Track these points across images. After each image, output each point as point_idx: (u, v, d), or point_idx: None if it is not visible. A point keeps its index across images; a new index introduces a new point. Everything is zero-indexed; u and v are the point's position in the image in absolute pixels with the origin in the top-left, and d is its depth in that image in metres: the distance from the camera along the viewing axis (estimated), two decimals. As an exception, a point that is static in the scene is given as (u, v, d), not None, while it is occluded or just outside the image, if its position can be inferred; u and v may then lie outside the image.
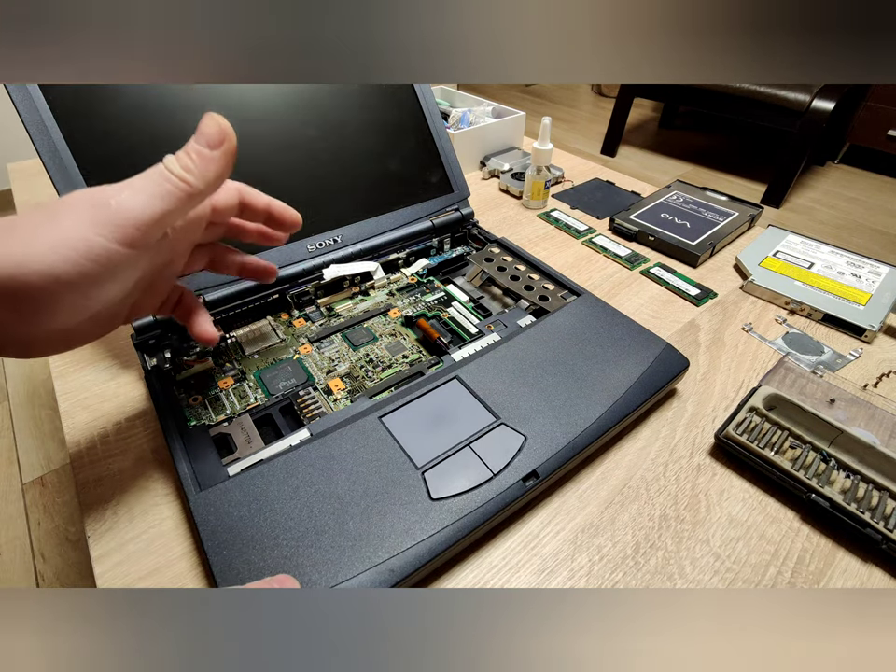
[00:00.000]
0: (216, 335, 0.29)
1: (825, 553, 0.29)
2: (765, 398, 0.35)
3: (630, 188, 0.70)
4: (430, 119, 0.48)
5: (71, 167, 0.33)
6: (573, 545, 0.29)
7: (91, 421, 0.36)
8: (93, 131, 0.34)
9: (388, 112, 0.46)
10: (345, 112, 0.44)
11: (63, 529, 0.92)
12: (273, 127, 0.40)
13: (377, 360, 0.38)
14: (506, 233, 0.59)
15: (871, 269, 0.51)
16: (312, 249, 0.42)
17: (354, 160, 0.44)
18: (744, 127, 2.49)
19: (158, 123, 0.36)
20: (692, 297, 0.49)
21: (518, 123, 0.77)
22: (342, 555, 0.25)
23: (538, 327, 0.38)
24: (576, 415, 0.32)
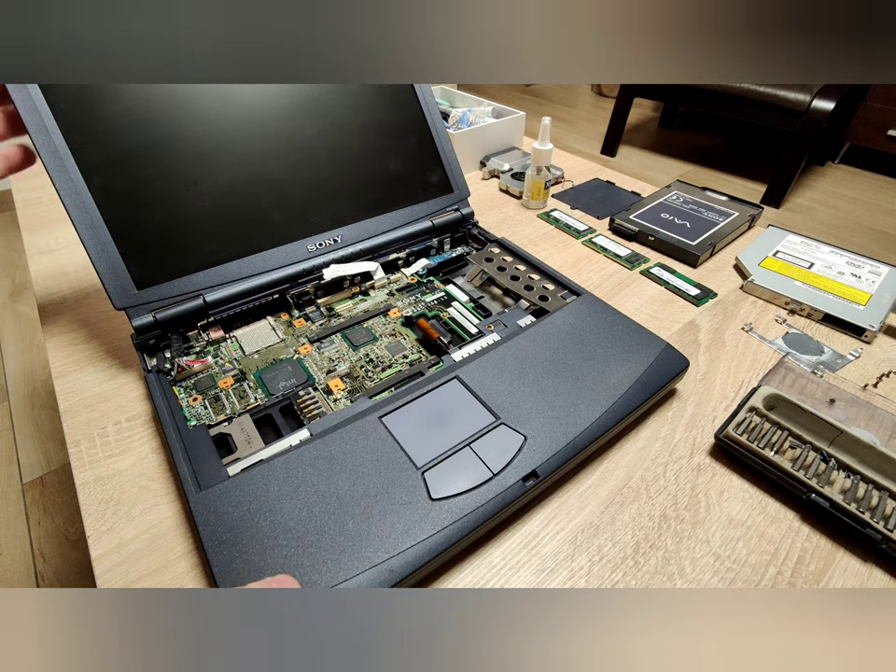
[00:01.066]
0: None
1: (825, 553, 0.29)
2: (765, 398, 0.35)
3: (630, 188, 0.70)
4: (430, 118, 0.48)
5: (71, 167, 0.33)
6: (573, 545, 0.29)
7: (91, 421, 0.36)
8: (93, 131, 0.34)
9: (388, 112, 0.46)
10: (346, 112, 0.44)
11: (63, 529, 0.92)
12: (274, 127, 0.40)
13: (377, 360, 0.38)
14: (506, 233, 0.59)
15: (871, 269, 0.51)
16: (312, 249, 0.42)
17: (354, 159, 0.44)
18: (744, 127, 2.49)
19: (158, 123, 0.36)
20: (692, 297, 0.49)
21: (518, 123, 0.77)
22: (341, 555, 0.25)
23: (538, 327, 0.38)
24: (576, 415, 0.32)
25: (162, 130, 0.36)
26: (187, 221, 0.37)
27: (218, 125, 0.38)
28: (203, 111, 0.37)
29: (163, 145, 0.36)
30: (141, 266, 0.36)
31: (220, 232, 0.38)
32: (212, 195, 0.38)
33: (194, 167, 0.37)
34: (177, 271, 0.37)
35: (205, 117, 0.37)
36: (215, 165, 0.38)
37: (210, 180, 0.38)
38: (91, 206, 0.34)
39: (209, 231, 0.38)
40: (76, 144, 0.33)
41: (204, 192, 0.38)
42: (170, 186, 0.36)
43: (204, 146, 0.37)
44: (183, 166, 0.37)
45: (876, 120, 1.90)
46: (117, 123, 0.35)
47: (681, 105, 2.42)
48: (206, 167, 0.38)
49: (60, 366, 0.40)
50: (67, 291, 0.49)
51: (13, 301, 1.45)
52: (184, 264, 0.37)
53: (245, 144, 0.39)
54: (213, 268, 0.38)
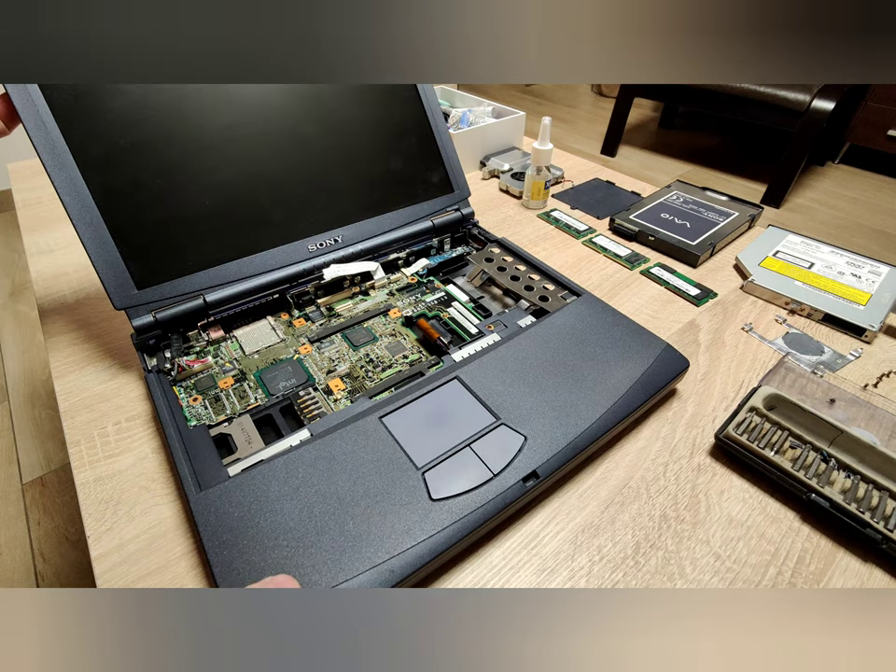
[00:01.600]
0: None
1: (825, 553, 0.29)
2: (765, 398, 0.35)
3: (630, 188, 0.70)
4: (433, 118, 0.48)
5: (71, 167, 0.33)
6: (573, 545, 0.29)
7: (91, 421, 0.36)
8: (93, 130, 0.34)
9: (391, 111, 0.46)
10: (347, 110, 0.44)
11: (63, 529, 0.92)
12: (274, 126, 0.40)
13: (377, 360, 0.38)
14: (506, 233, 0.59)
15: (871, 269, 0.51)
16: (312, 249, 0.42)
17: (355, 158, 0.44)
18: (744, 127, 2.49)
19: (158, 121, 0.36)
20: (692, 297, 0.49)
21: (518, 123, 0.77)
22: (342, 556, 0.25)
23: (538, 327, 0.38)
24: (576, 416, 0.32)
25: (163, 128, 0.36)
26: (187, 220, 0.37)
27: (219, 123, 0.38)
28: (203, 109, 0.37)
29: (164, 143, 0.36)
30: (141, 266, 0.36)
31: (221, 232, 0.38)
32: (212, 194, 0.38)
33: (195, 166, 0.37)
34: (178, 270, 0.37)
35: (206, 115, 0.37)
36: (215, 164, 0.38)
37: (211, 179, 0.38)
38: (90, 206, 0.34)
39: (209, 231, 0.38)
40: (75, 143, 0.33)
41: (205, 191, 0.38)
42: (170, 185, 0.36)
43: (205, 144, 0.37)
44: (184, 165, 0.37)
45: (876, 120, 1.90)
46: (117, 122, 0.35)
47: (681, 105, 2.42)
48: (207, 166, 0.38)
49: (60, 366, 0.40)
50: (67, 291, 0.49)
51: (13, 300, 1.45)
52: (184, 264, 0.37)
53: (245, 142, 0.39)
54: (213, 268, 0.38)
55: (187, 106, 0.37)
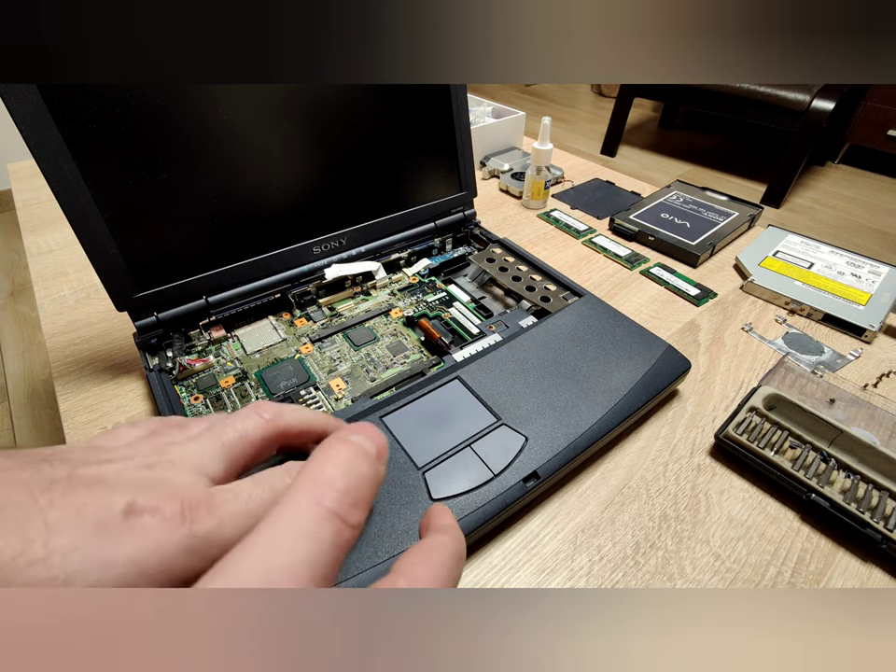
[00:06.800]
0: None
1: (825, 553, 0.29)
2: (765, 398, 0.35)
3: (630, 188, 0.70)
4: (458, 118, 0.46)
5: (70, 166, 0.33)
6: (573, 545, 0.29)
7: (92, 421, 0.36)
8: (93, 129, 0.34)
9: (410, 111, 0.44)
10: (365, 111, 0.42)
11: (64, 529, 0.92)
12: (280, 127, 0.40)
13: (378, 360, 0.38)
14: (506, 233, 0.59)
15: (871, 269, 0.51)
16: (317, 252, 0.42)
17: (367, 160, 0.43)
18: (744, 127, 2.49)
19: (158, 123, 0.36)
20: (692, 297, 0.49)
21: (518, 123, 0.77)
22: (342, 555, 0.25)
23: (539, 328, 0.38)
24: (577, 416, 0.32)
25: (163, 130, 0.36)
26: (190, 220, 0.37)
27: (223, 122, 0.38)
28: (207, 108, 0.37)
29: (164, 145, 0.36)
30: (143, 267, 0.35)
31: (224, 233, 0.38)
32: (216, 194, 0.38)
33: (198, 165, 0.37)
34: (180, 272, 0.37)
35: (210, 114, 0.37)
36: (219, 163, 0.38)
37: (214, 179, 0.37)
38: (91, 205, 0.34)
39: (213, 232, 0.38)
40: (75, 142, 0.33)
41: (208, 191, 0.37)
42: (172, 184, 0.36)
43: (209, 143, 0.37)
44: (187, 164, 0.37)
45: (876, 120, 1.90)
46: (117, 121, 0.35)
47: (681, 105, 2.42)
48: (211, 165, 0.37)
49: (60, 366, 0.40)
50: (67, 291, 0.49)
51: (13, 300, 1.45)
52: (187, 265, 0.37)
53: (251, 142, 0.39)
54: (216, 270, 0.38)
55: (188, 108, 0.37)
